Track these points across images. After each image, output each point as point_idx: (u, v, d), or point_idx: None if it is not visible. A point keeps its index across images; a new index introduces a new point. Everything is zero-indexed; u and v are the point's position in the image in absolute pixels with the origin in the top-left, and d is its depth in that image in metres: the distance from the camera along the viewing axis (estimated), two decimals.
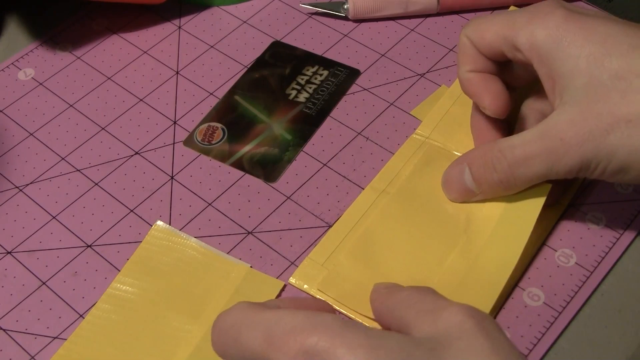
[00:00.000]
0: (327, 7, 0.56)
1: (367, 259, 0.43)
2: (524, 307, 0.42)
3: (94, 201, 0.48)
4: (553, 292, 0.43)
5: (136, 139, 0.51)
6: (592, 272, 0.43)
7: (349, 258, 0.43)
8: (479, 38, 0.43)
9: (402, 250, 0.44)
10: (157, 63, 0.55)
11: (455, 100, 0.50)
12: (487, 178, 0.43)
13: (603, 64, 0.39)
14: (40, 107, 0.53)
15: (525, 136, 0.41)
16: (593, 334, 0.41)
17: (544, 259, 0.44)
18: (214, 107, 0.52)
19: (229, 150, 0.50)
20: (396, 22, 0.56)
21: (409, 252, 0.44)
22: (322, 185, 0.48)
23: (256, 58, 0.55)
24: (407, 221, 0.45)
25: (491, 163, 0.42)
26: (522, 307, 0.42)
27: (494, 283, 0.42)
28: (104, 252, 0.46)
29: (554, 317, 0.42)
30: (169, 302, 0.43)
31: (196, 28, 0.57)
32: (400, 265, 0.43)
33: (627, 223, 0.45)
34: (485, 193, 0.44)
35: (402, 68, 0.53)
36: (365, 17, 0.56)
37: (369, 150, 0.49)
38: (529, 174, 0.41)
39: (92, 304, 0.43)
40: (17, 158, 0.50)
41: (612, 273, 0.43)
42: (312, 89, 0.52)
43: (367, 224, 0.45)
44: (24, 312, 0.43)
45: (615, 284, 0.43)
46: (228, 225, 0.46)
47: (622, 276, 0.43)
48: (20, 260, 0.46)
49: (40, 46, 0.56)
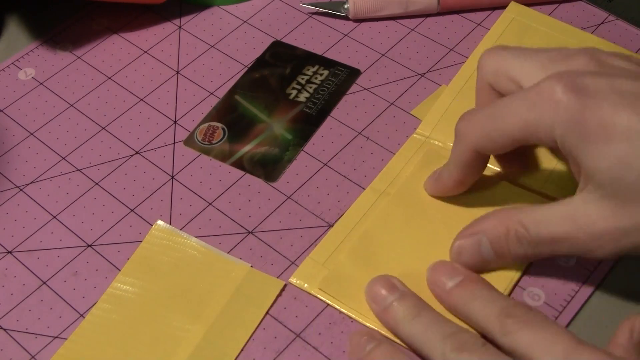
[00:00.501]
0: (327, 7, 0.56)
1: (367, 259, 0.43)
2: None
3: (95, 201, 0.48)
4: (553, 291, 0.43)
5: (136, 138, 0.51)
6: (592, 272, 0.43)
7: (350, 258, 0.43)
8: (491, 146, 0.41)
9: (403, 251, 0.44)
10: (157, 63, 0.55)
11: (454, 98, 0.50)
12: (512, 253, 0.41)
13: (630, 164, 0.36)
14: (41, 107, 0.53)
15: (550, 215, 0.39)
16: (593, 333, 0.41)
17: (545, 259, 0.44)
18: (214, 106, 0.52)
19: (229, 150, 0.50)
20: (396, 22, 0.56)
21: (409, 252, 0.44)
22: (323, 185, 0.48)
23: (256, 58, 0.55)
24: (407, 222, 0.45)
25: (515, 236, 0.40)
26: None
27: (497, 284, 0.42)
28: (105, 252, 0.46)
29: (554, 317, 0.42)
30: (170, 302, 0.43)
31: (196, 28, 0.57)
32: (400, 266, 0.43)
33: None
34: (506, 264, 0.42)
35: (403, 68, 0.53)
36: (366, 17, 0.56)
37: (370, 149, 0.49)
38: (558, 252, 0.40)
39: (93, 303, 0.43)
40: (18, 158, 0.50)
41: (612, 273, 0.43)
42: (312, 89, 0.52)
43: (367, 224, 0.45)
44: (24, 312, 0.43)
45: (615, 283, 0.43)
46: (228, 224, 0.46)
47: (622, 276, 0.43)
48: (21, 260, 0.46)
49: (40, 46, 0.56)
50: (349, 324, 0.42)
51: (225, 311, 0.42)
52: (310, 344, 0.41)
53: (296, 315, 0.42)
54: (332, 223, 0.46)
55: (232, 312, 0.42)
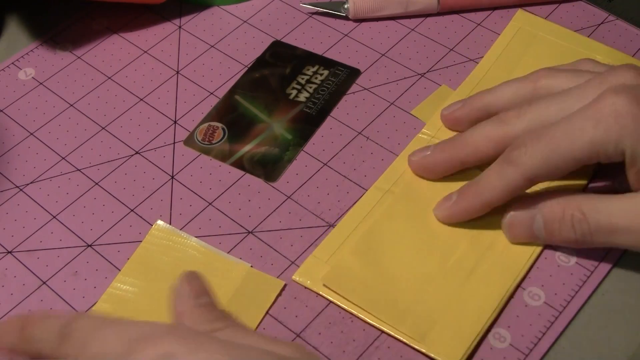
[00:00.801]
0: (327, 7, 0.56)
1: (371, 256, 0.44)
2: (525, 307, 0.42)
3: (94, 201, 0.48)
4: (553, 291, 0.43)
5: (136, 138, 0.51)
6: (592, 272, 0.43)
7: (353, 255, 0.44)
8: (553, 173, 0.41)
9: (407, 249, 0.44)
10: (157, 63, 0.55)
11: None
12: (563, 235, 0.41)
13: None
14: (41, 107, 0.53)
15: (612, 205, 0.40)
16: (593, 333, 0.41)
17: (545, 259, 0.44)
18: (214, 106, 0.52)
19: (229, 150, 0.50)
20: (396, 22, 0.56)
21: (413, 250, 0.44)
22: (323, 185, 0.48)
23: (256, 58, 0.55)
24: (411, 220, 0.45)
25: (570, 221, 0.41)
26: (523, 306, 0.42)
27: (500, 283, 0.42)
28: (104, 252, 0.46)
29: (555, 317, 0.42)
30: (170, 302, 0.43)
31: (196, 28, 0.57)
32: (404, 263, 0.43)
33: None
34: (553, 243, 0.43)
35: (403, 68, 0.53)
36: (366, 17, 0.56)
37: (370, 149, 0.49)
38: (612, 243, 0.40)
39: (93, 303, 0.43)
40: (18, 158, 0.50)
41: (612, 273, 0.43)
42: (312, 89, 0.52)
43: (371, 222, 0.45)
44: (24, 312, 0.43)
45: (615, 283, 0.43)
46: (228, 224, 0.46)
47: (622, 276, 0.43)
48: (21, 260, 0.46)
49: (40, 46, 0.56)
50: (349, 323, 0.42)
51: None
52: (310, 343, 0.41)
53: (296, 315, 0.42)
54: (332, 223, 0.46)
55: (232, 312, 0.42)
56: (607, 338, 0.41)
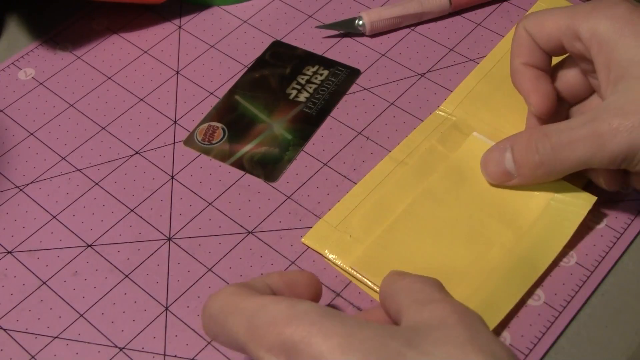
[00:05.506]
0: (342, 26, 0.55)
1: (379, 225, 0.45)
2: (525, 307, 0.42)
3: (94, 201, 0.48)
4: (553, 291, 0.43)
5: (136, 138, 0.51)
6: (592, 272, 0.43)
7: (362, 222, 0.45)
8: (538, 29, 0.44)
9: (415, 221, 0.45)
10: (157, 63, 0.55)
11: (481, 79, 0.51)
12: (528, 160, 0.43)
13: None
14: (41, 107, 0.53)
15: (572, 122, 0.42)
16: (593, 333, 0.41)
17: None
18: (214, 106, 0.52)
19: (229, 150, 0.50)
20: None
21: (421, 223, 0.44)
22: (323, 185, 0.48)
23: (256, 58, 0.55)
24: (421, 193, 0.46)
25: (534, 145, 0.42)
26: (523, 306, 0.42)
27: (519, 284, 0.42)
28: (104, 252, 0.46)
29: (554, 317, 0.42)
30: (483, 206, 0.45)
31: (196, 28, 0.57)
32: (411, 236, 0.44)
33: (627, 223, 0.45)
34: (524, 176, 0.44)
35: (402, 68, 0.53)
36: (382, 32, 0.55)
37: (370, 149, 0.49)
38: (572, 158, 0.41)
39: (93, 303, 0.44)
40: (18, 158, 0.50)
41: (612, 273, 0.43)
42: (312, 89, 0.52)
43: (382, 191, 0.46)
44: (24, 312, 0.43)
45: (615, 283, 0.43)
46: (228, 224, 0.46)
47: (622, 276, 0.43)
48: (21, 260, 0.46)
49: (40, 46, 0.56)
50: None
51: (537, 222, 0.44)
52: None
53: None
54: None
55: (544, 224, 0.44)
56: (607, 338, 0.41)
